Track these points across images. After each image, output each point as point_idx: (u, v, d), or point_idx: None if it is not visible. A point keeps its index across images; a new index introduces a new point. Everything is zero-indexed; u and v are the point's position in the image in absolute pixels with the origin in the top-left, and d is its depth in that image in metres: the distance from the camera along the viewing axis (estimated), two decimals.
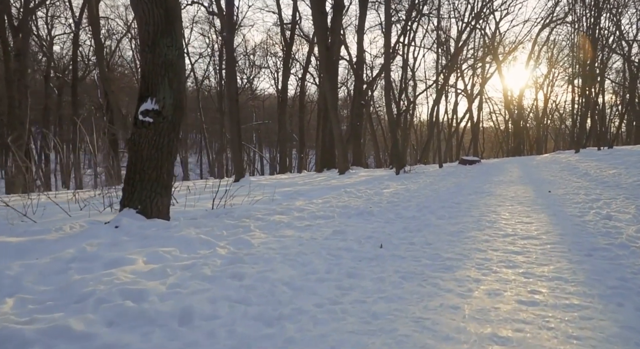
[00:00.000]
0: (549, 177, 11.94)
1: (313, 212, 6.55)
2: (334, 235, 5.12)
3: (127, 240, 4.51)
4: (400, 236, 5.13)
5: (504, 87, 33.74)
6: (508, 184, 10.69)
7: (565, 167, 14.75)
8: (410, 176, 13.59)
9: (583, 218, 6.00)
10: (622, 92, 32.12)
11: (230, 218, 5.93)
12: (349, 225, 5.77)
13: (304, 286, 3.26)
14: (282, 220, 5.87)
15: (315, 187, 11.28)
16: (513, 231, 5.32)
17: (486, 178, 12.23)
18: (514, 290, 3.29)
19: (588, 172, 12.15)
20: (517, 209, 6.96)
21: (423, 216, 6.36)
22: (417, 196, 8.52)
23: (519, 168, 15.78)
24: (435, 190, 9.52)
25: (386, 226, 5.71)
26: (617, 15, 26.18)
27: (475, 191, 9.25)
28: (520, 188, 9.73)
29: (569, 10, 29.64)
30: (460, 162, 18.68)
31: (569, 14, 29.88)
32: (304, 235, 5.07)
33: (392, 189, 9.74)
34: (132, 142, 5.55)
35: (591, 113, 25.42)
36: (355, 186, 10.67)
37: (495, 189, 9.66)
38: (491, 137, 48.07)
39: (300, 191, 10.08)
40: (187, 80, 25.43)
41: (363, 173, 17.08)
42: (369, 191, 9.16)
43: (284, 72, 28.27)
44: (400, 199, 8.03)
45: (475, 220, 6.11)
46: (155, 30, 5.53)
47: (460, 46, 26.15)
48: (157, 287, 3.04)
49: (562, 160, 18.54)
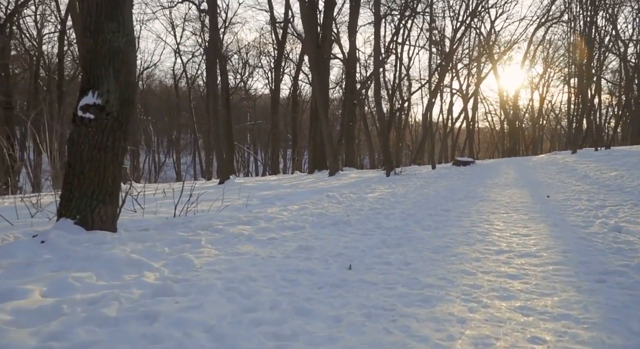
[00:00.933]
0: (547, 180, 11.13)
1: (283, 222, 5.72)
2: (298, 251, 4.30)
3: (47, 259, 3.69)
4: (376, 253, 4.30)
5: (500, 87, 32.98)
6: (503, 187, 9.88)
7: (562, 169, 13.96)
8: (401, 178, 12.76)
9: (588, 229, 5.18)
10: (618, 92, 31.32)
11: (185, 229, 5.11)
12: (319, 238, 4.94)
13: (230, 334, 2.42)
14: (244, 231, 5.05)
15: (298, 190, 10.46)
16: (508, 247, 4.50)
17: (480, 181, 11.42)
18: (509, 337, 2.47)
19: (587, 173, 11.35)
20: (512, 218, 6.14)
21: (406, 227, 5.53)
22: (403, 201, 7.69)
23: (514, 170, 14.98)
24: (425, 194, 8.69)
25: (362, 240, 4.88)
26: (614, 15, 25.36)
27: (467, 196, 8.43)
28: (516, 192, 8.92)
29: (565, 9, 28.90)
30: (454, 163, 17.86)
31: (565, 13, 29.12)
32: (262, 252, 4.24)
33: (378, 193, 8.92)
34: (70, 142, 4.72)
35: (587, 113, 24.63)
36: (340, 190, 9.86)
37: (489, 193, 8.84)
38: (487, 138, 47.28)
39: (280, 195, 9.28)
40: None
41: (354, 175, 16.27)
42: (352, 196, 8.33)
43: (275, 71, 27.45)
44: (384, 205, 7.20)
45: (465, 231, 5.28)
46: (98, 12, 4.71)
47: (456, 45, 25.36)
48: (24, 340, 2.21)
49: (559, 161, 17.75)
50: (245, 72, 36.12)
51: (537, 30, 31.81)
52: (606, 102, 34.70)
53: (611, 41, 27.44)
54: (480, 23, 30.70)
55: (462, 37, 26.63)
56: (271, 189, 11.28)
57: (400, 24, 27.56)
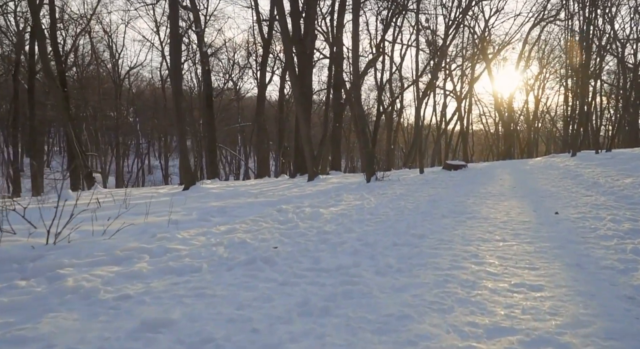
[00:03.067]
0: (549, 187, 9.16)
1: (177, 257, 3.78)
2: (139, 332, 2.34)
3: None
4: (280, 333, 2.35)
5: (494, 89, 30.97)
6: (498, 198, 7.91)
7: (565, 173, 11.98)
8: (380, 185, 10.79)
9: (633, 278, 3.21)
10: (616, 93, 29.26)
11: (7, 275, 3.17)
12: (204, 294, 2.98)
13: None
14: (95, 278, 3.12)
15: (255, 201, 8.52)
16: (509, 319, 2.55)
17: (471, 189, 9.44)
18: None
19: (597, 180, 9.37)
20: (512, 249, 4.17)
21: (354, 269, 3.57)
22: (367, 220, 5.71)
23: (510, 175, 13.00)
24: (400, 208, 6.70)
25: (273, 298, 2.92)
26: (610, 14, 23.29)
27: (452, 211, 6.44)
28: (514, 206, 6.94)
29: (561, 6, 26.94)
30: (444, 166, 15.83)
31: (561, 11, 27.19)
32: (68, 338, 2.28)
33: (342, 207, 6.94)
34: None
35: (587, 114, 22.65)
36: (302, 201, 7.91)
37: (481, 207, 6.86)
38: (481, 140, 45.23)
39: (228, 208, 7.35)
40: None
41: (335, 180, 14.30)
42: (307, 211, 6.37)
43: (261, 71, 25.43)
44: (340, 227, 5.23)
45: (440, 279, 3.31)
46: None
47: (448, 42, 23.39)
48: None
49: (559, 164, 15.77)
50: (233, 72, 34.08)
51: (532, 30, 29.85)
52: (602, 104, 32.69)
53: (609, 41, 25.40)
54: (474, 22, 28.73)
55: (454, 33, 24.63)
56: (229, 198, 9.34)
57: (391, 22, 25.61)
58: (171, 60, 12.57)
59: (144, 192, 11.97)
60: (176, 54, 12.20)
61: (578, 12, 23.51)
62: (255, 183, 15.82)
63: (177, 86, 12.42)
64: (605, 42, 24.88)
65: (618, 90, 28.05)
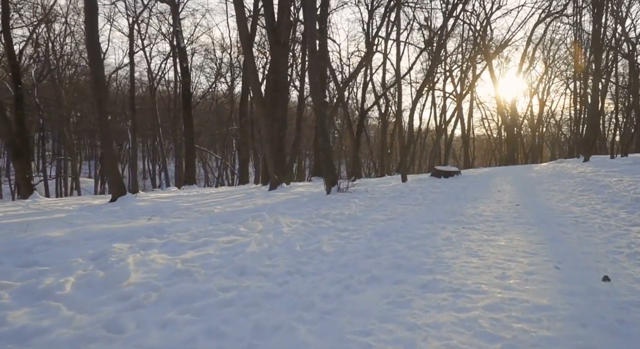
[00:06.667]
0: (570, 206, 5.98)
1: None
2: None
3: None
4: None
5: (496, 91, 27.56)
6: (491, 228, 4.77)
7: (584, 183, 8.76)
8: (338, 199, 7.67)
9: None
10: (625, 95, 25.60)
11: None
12: None
13: None
14: None
15: (158, 223, 5.50)
16: None
17: (455, 207, 6.30)
18: None
19: (636, 195, 6.17)
20: None
21: None
22: (239, 289, 2.66)
23: (513, 185, 9.79)
24: (304, 260, 3.62)
25: None
26: (620, 12, 19.77)
27: (393, 266, 3.32)
28: (519, 247, 3.82)
29: (568, 1, 23.55)
30: (432, 173, 12.60)
31: (568, 5, 23.78)
32: None
33: (211, 250, 3.88)
34: None
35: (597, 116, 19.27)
36: (175, 228, 4.88)
37: (457, 251, 3.74)
38: (483, 144, 41.63)
39: (115, 234, 4.35)
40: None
41: (300, 189, 11.23)
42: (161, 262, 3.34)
43: (243, 69, 22.54)
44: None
45: None
46: None
47: (444, 36, 20.19)
48: None
49: (571, 171, 12.48)
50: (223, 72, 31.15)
51: (537, 27, 26.43)
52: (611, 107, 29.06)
53: (620, 40, 21.85)
54: (475, 19, 25.49)
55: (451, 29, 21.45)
56: (124, 219, 6.37)
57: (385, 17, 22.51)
58: (87, 38, 9.60)
59: (73, 201, 9.08)
60: (92, 29, 9.18)
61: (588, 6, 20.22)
62: (215, 191, 12.82)
63: (97, 72, 9.43)
64: (616, 41, 21.42)
65: (629, 92, 24.41)
